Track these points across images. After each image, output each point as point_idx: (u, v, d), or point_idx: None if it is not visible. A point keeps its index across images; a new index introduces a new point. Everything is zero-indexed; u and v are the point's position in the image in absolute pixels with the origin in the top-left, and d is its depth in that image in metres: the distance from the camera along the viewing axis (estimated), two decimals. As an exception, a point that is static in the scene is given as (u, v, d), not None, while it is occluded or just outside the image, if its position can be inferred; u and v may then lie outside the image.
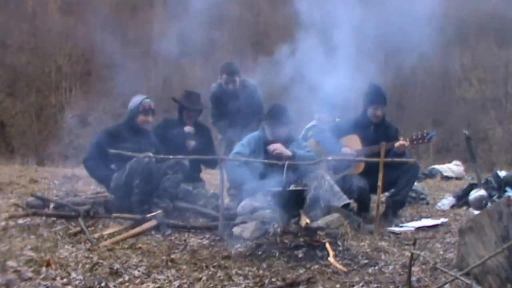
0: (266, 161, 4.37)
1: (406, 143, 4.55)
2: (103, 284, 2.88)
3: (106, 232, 3.98)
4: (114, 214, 4.20)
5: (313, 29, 4.81)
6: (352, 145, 4.80)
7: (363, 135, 4.78)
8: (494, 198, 5.41)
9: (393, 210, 4.72)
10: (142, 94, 4.83)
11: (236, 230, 3.92)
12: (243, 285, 2.90)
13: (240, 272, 3.09)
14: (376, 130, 4.78)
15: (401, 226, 4.40)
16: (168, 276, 3.02)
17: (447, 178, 8.88)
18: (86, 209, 4.33)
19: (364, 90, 4.92)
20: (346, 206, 4.33)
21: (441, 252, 3.53)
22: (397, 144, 4.52)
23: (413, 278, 2.83)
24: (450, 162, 9.87)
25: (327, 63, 4.59)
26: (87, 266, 3.17)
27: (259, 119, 5.21)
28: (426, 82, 23.64)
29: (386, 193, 4.95)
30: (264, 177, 4.32)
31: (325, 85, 4.66)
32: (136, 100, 4.71)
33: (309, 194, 4.24)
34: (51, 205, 4.51)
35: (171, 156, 4.38)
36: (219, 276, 3.02)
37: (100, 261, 3.27)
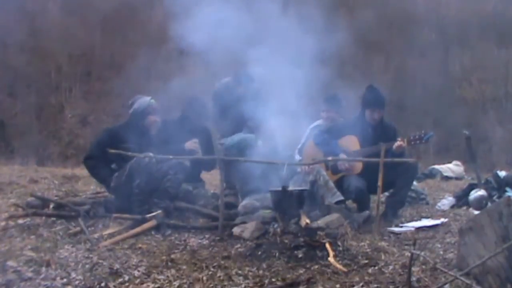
0: (266, 161, 4.37)
1: (404, 144, 4.55)
2: (103, 284, 2.88)
3: (106, 232, 3.98)
4: (114, 214, 4.20)
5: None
6: (351, 146, 4.80)
7: (361, 136, 4.78)
8: (494, 198, 5.41)
9: (393, 210, 4.72)
10: (142, 95, 4.83)
11: (236, 230, 3.93)
12: (243, 285, 2.90)
13: (240, 272, 3.09)
14: (374, 131, 4.78)
15: (401, 226, 4.40)
16: (168, 276, 3.02)
17: (447, 178, 8.88)
18: (86, 209, 4.33)
19: (363, 91, 4.92)
20: (339, 202, 4.35)
21: (441, 252, 3.53)
22: (395, 145, 4.52)
23: (413, 278, 2.83)
24: (450, 162, 9.87)
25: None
26: (87, 266, 3.17)
27: None
28: (426, 82, 23.62)
29: (386, 193, 4.95)
30: None
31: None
32: (143, 101, 4.72)
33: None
34: (51, 205, 4.52)
35: (171, 156, 4.38)
36: (219, 276, 3.02)
37: (100, 261, 3.27)
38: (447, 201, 5.66)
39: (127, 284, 2.92)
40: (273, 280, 2.95)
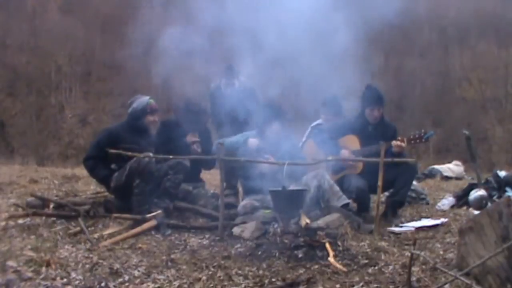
0: (265, 161, 4.37)
1: (404, 143, 4.55)
2: (103, 284, 2.88)
3: (106, 232, 3.98)
4: (114, 214, 4.20)
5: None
6: (351, 145, 4.80)
7: (361, 135, 4.78)
8: (494, 198, 5.40)
9: (393, 210, 4.72)
10: (141, 95, 4.84)
11: (236, 230, 3.93)
12: (243, 285, 2.90)
13: (240, 272, 3.09)
14: (374, 130, 4.78)
15: (401, 226, 4.40)
16: (168, 276, 3.02)
17: (447, 178, 8.89)
18: (86, 209, 4.33)
19: (362, 91, 4.92)
20: (345, 206, 4.34)
21: (441, 252, 3.53)
22: (394, 144, 4.52)
23: (413, 278, 2.83)
24: (450, 162, 9.88)
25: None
26: (87, 266, 3.17)
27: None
28: (426, 82, 23.63)
29: (386, 193, 4.95)
30: None
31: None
32: (142, 101, 4.71)
33: (309, 193, 4.26)
34: (51, 205, 4.51)
35: (171, 156, 4.38)
36: (219, 276, 3.02)
37: (100, 261, 3.27)
38: (447, 201, 5.66)
39: (127, 284, 2.92)
40: (273, 280, 2.95)
